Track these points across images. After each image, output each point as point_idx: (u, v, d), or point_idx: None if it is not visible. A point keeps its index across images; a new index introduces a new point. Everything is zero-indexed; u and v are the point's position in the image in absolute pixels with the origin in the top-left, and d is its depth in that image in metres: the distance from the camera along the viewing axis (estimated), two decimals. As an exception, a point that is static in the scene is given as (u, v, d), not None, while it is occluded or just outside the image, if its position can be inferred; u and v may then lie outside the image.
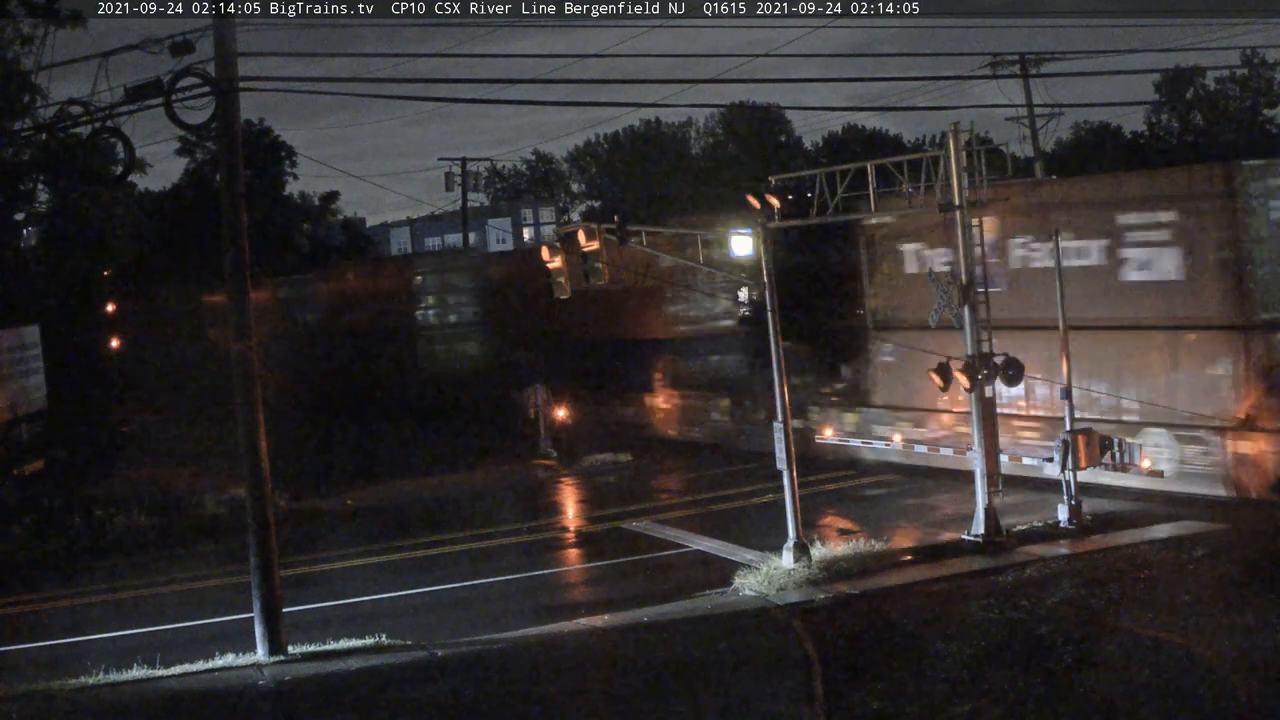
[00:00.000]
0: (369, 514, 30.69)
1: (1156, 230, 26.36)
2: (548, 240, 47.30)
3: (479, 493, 32.67)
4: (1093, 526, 23.45)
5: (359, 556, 26.01)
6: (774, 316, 22.64)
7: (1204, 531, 22.46)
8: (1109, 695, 15.08)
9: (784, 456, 22.39)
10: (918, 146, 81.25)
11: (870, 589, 20.52)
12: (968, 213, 23.27)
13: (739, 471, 32.24)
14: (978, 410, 23.16)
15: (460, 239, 76.25)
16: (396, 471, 35.84)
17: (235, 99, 18.91)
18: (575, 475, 34.20)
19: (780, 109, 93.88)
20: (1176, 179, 27.77)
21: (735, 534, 25.20)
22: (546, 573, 24.11)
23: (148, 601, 23.41)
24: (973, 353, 22.91)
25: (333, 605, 22.01)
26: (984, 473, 22.90)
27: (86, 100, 19.55)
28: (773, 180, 26.80)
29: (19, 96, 35.12)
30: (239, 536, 20.92)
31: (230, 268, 19.18)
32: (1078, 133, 76.77)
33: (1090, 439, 23.83)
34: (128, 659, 18.53)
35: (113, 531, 28.68)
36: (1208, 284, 25.57)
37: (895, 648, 17.57)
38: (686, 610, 20.10)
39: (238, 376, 19.15)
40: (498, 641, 18.99)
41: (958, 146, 23.22)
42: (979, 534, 22.75)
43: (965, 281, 23.11)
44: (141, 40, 18.47)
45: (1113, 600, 18.84)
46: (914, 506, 27.07)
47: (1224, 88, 74.15)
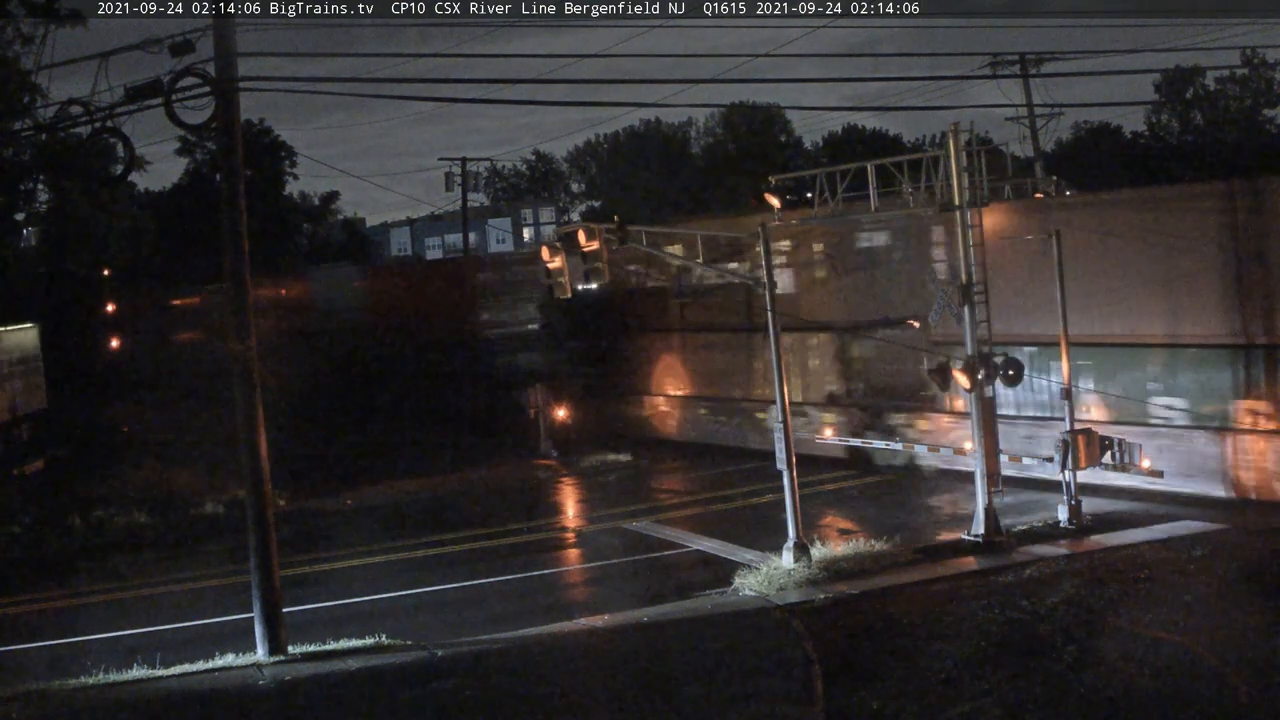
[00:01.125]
0: (369, 514, 30.69)
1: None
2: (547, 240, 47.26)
3: (479, 493, 32.67)
4: (1093, 526, 23.46)
5: (359, 556, 26.00)
6: (774, 317, 22.64)
7: (1204, 531, 22.47)
8: (1109, 695, 15.08)
9: (784, 456, 22.39)
10: (918, 146, 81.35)
11: (870, 589, 20.52)
12: (968, 213, 23.27)
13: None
14: (977, 410, 23.15)
15: (460, 239, 76.25)
16: (396, 471, 35.83)
17: (235, 99, 18.90)
18: (575, 475, 34.19)
19: (780, 109, 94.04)
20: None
21: (732, 534, 25.20)
22: (546, 573, 24.11)
23: (148, 601, 23.40)
24: (972, 353, 22.92)
25: (333, 605, 22.01)
26: (984, 473, 22.91)
27: (86, 100, 19.56)
28: (773, 180, 26.82)
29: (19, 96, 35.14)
30: (239, 536, 20.93)
31: (230, 268, 19.18)
32: (1078, 133, 76.79)
33: (1090, 439, 23.83)
34: (128, 659, 18.53)
35: (113, 531, 28.65)
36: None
37: (895, 648, 17.57)
38: (686, 610, 20.10)
39: (238, 376, 19.13)
40: (498, 641, 18.99)
41: (958, 146, 23.22)
42: (979, 534, 22.76)
43: (965, 282, 23.11)
44: (141, 40, 18.51)
45: (1113, 600, 18.83)
46: (914, 506, 27.06)
47: (1224, 88, 74.09)
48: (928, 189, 23.89)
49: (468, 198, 67.13)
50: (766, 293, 22.71)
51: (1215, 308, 25.14)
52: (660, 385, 39.45)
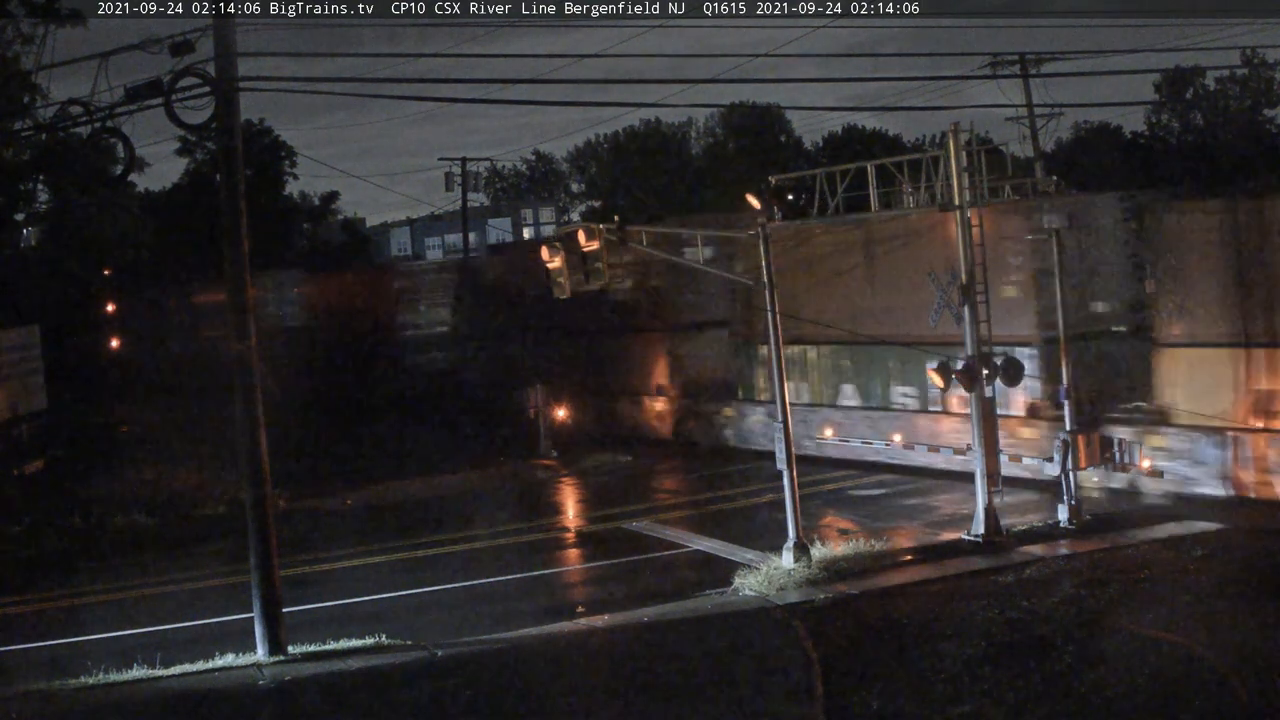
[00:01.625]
0: (369, 514, 30.68)
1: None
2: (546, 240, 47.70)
3: (479, 492, 32.66)
4: (1093, 526, 23.45)
5: (359, 556, 25.99)
6: (774, 317, 22.62)
7: (1204, 531, 22.47)
8: (1109, 695, 15.08)
9: (784, 456, 22.37)
10: (918, 146, 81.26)
11: (870, 589, 20.51)
12: (968, 212, 23.27)
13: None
14: (977, 410, 23.14)
15: (460, 239, 76.33)
16: (396, 471, 35.82)
17: (235, 99, 18.90)
18: (575, 475, 34.19)
19: (780, 109, 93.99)
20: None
21: (730, 534, 25.20)
22: (546, 573, 24.10)
23: (148, 601, 23.39)
24: (972, 353, 22.91)
25: (333, 605, 21.99)
26: (984, 472, 22.90)
27: (86, 100, 19.55)
28: (772, 180, 26.85)
29: (19, 96, 35.16)
30: (239, 536, 20.91)
31: (230, 268, 19.17)
32: (1078, 133, 76.70)
33: (1090, 439, 23.82)
34: (128, 659, 18.50)
35: (113, 531, 28.67)
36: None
37: (895, 647, 17.57)
38: (686, 610, 20.09)
39: (238, 376, 19.14)
40: (498, 641, 18.99)
41: (958, 147, 23.23)
42: (979, 534, 22.75)
43: (965, 281, 23.11)
44: (141, 40, 18.49)
45: (1113, 600, 18.83)
46: (914, 506, 27.05)
47: (1224, 88, 74.08)
48: (928, 189, 23.92)
49: (468, 198, 67.18)
50: (768, 293, 22.70)
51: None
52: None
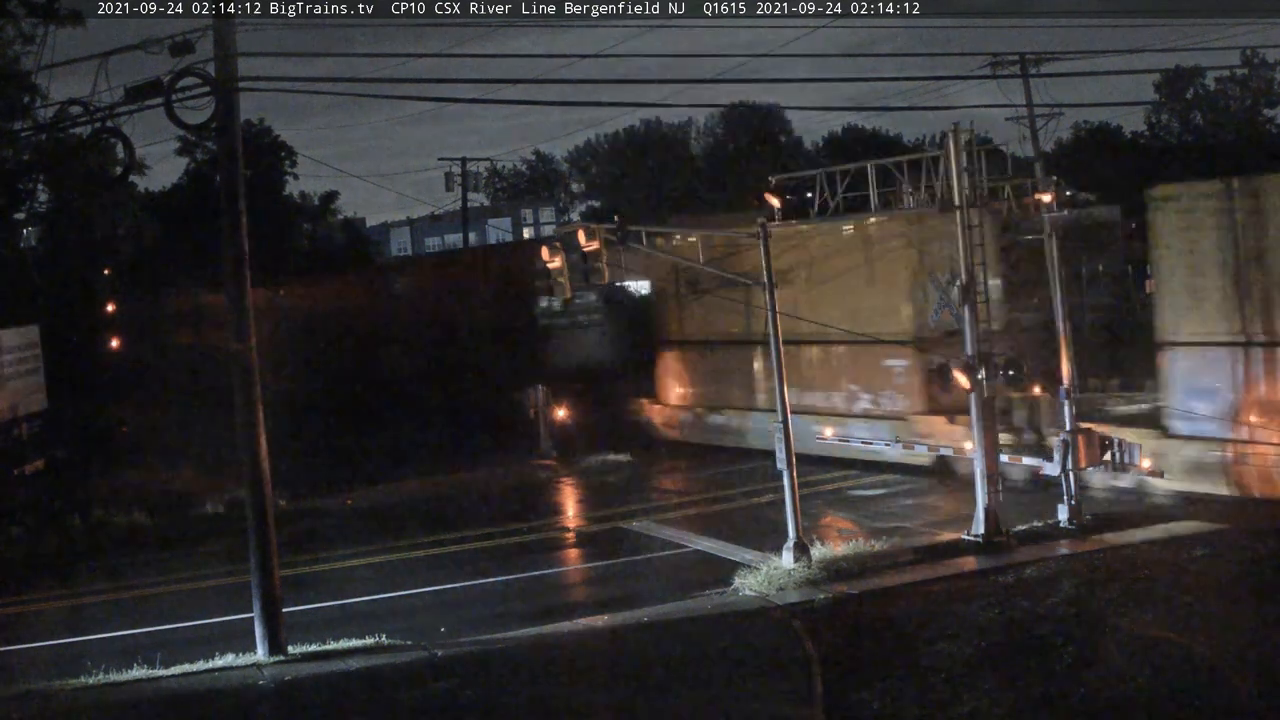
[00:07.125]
0: (369, 514, 30.67)
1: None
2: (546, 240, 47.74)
3: (479, 493, 32.65)
4: (1093, 526, 23.45)
5: (359, 556, 26.00)
6: (774, 317, 22.63)
7: (1204, 531, 22.46)
8: (1109, 695, 15.08)
9: (784, 456, 22.37)
10: (918, 146, 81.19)
11: (870, 589, 20.51)
12: (968, 212, 23.27)
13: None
14: (977, 410, 23.14)
15: (460, 239, 76.33)
16: (396, 471, 35.82)
17: (235, 99, 18.90)
18: (575, 475, 34.19)
19: (780, 109, 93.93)
20: None
21: (729, 534, 25.20)
22: (546, 573, 24.10)
23: (148, 601, 23.40)
24: (972, 353, 22.90)
25: (333, 605, 22.00)
26: (984, 473, 22.89)
27: (86, 100, 19.56)
28: (773, 180, 26.85)
29: (19, 96, 35.16)
30: (239, 536, 20.91)
31: (229, 268, 19.17)
32: (1078, 133, 76.65)
33: (1090, 439, 23.81)
34: (128, 659, 18.51)
35: (113, 531, 28.64)
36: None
37: (895, 648, 17.57)
38: (687, 610, 20.10)
39: (237, 377, 19.14)
40: (498, 641, 18.99)
41: (958, 147, 23.22)
42: (979, 534, 22.74)
43: (965, 281, 23.10)
44: (141, 40, 18.48)
45: (1113, 600, 18.84)
46: (914, 507, 27.06)
47: (1224, 88, 74.13)
48: (928, 189, 23.92)
49: (468, 197, 67.19)
50: (768, 294, 22.71)
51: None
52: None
